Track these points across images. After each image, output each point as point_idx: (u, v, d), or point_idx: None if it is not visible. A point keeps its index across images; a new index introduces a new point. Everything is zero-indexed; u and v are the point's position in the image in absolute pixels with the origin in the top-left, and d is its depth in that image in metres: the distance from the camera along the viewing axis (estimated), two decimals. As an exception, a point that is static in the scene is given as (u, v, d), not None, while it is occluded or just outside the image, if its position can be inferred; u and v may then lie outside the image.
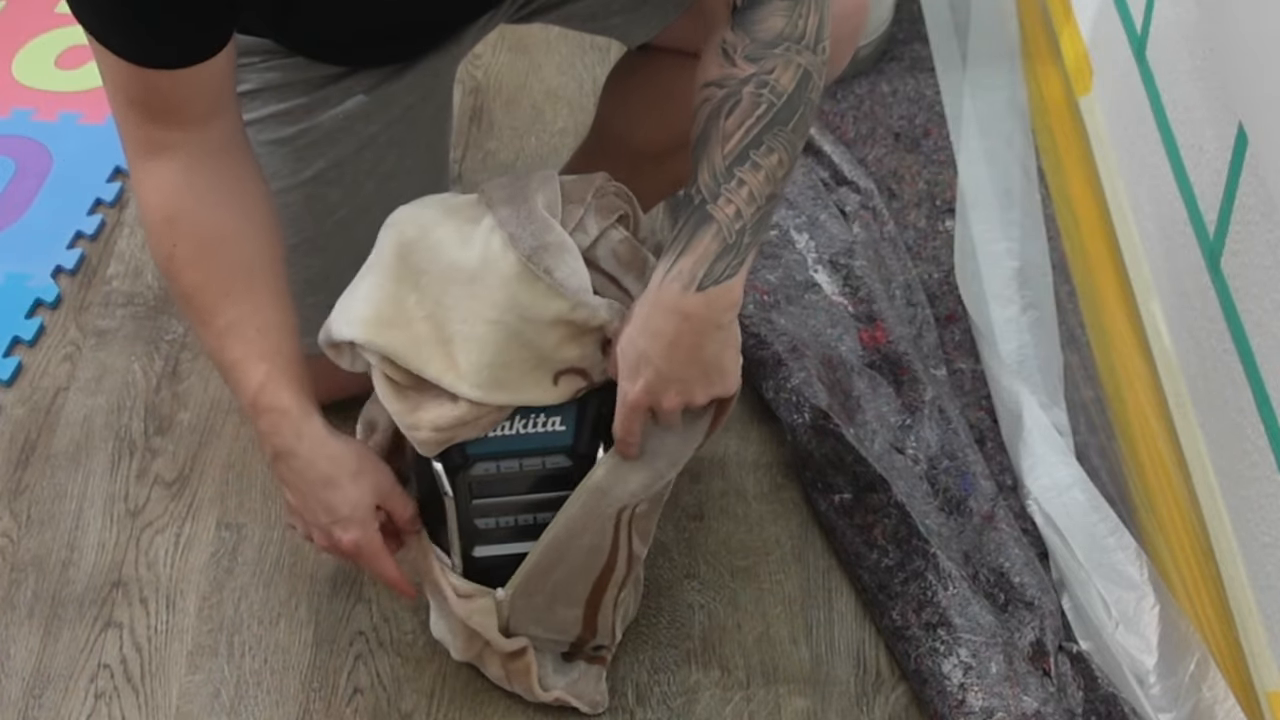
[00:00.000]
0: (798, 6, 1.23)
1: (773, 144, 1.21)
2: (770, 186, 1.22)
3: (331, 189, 1.49)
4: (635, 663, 1.45)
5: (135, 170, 1.29)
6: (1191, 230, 1.57)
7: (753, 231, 1.21)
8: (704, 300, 1.20)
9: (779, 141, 1.22)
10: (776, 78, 1.22)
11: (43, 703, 1.42)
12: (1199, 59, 1.57)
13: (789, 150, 1.22)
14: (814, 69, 1.24)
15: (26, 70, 2.09)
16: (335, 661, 1.45)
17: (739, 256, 1.21)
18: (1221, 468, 1.50)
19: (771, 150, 1.21)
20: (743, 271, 1.22)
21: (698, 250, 1.20)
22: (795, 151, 1.24)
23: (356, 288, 1.25)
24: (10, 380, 1.70)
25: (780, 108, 1.21)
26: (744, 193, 1.20)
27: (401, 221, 1.26)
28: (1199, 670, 1.38)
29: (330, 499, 1.27)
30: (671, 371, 1.22)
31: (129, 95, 1.24)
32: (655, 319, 1.21)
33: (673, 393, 1.23)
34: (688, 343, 1.21)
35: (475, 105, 2.03)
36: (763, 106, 1.21)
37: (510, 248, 1.22)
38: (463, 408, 1.22)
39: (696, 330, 1.21)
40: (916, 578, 1.45)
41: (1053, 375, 1.65)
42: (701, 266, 1.19)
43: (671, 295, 1.20)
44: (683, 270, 1.20)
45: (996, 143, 1.91)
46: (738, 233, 1.20)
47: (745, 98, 1.21)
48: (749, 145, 1.21)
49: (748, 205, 1.20)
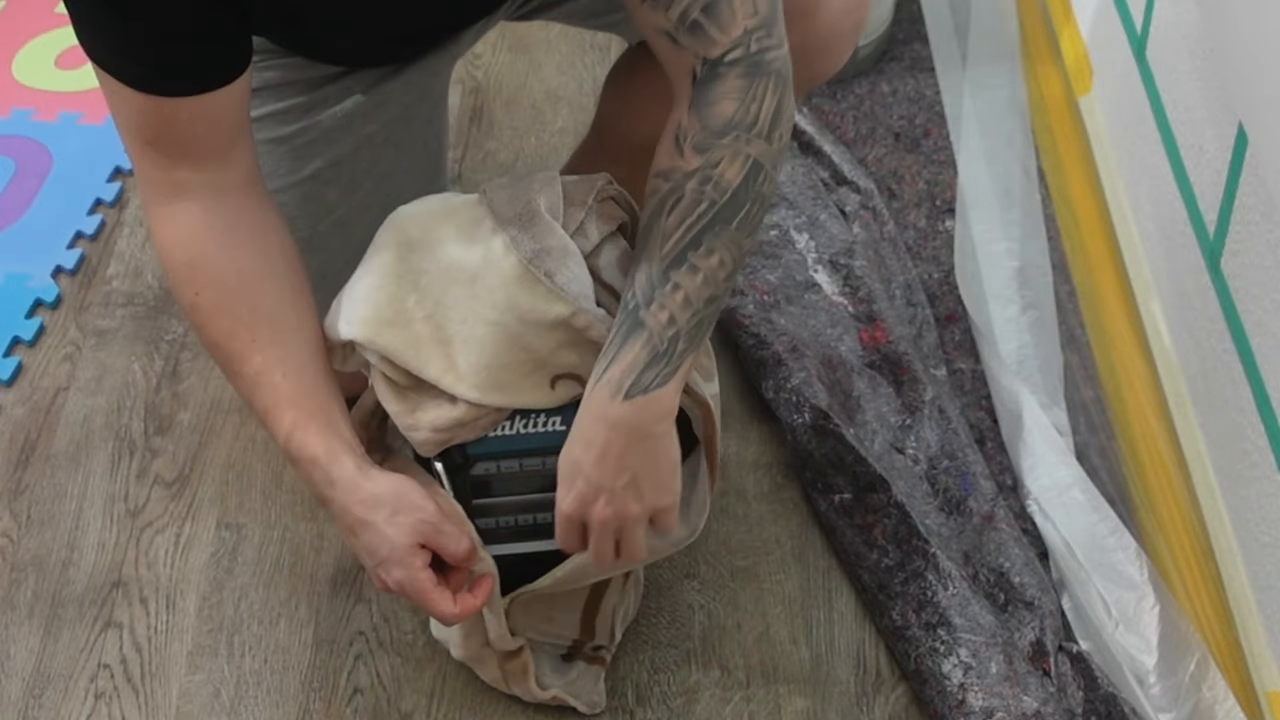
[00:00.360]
0: (752, 87, 1.18)
1: (713, 244, 1.17)
2: (710, 289, 1.18)
3: (329, 188, 1.49)
4: (635, 663, 1.45)
5: (153, 215, 1.27)
6: (1191, 230, 1.57)
7: (688, 338, 1.19)
8: (632, 409, 1.18)
9: (719, 242, 1.18)
10: (721, 171, 1.17)
11: (43, 703, 1.42)
12: (1199, 59, 1.57)
13: (732, 250, 1.18)
14: (766, 159, 1.19)
15: (26, 70, 2.09)
16: (335, 661, 1.45)
17: (671, 364, 1.18)
18: (1221, 468, 1.50)
19: (711, 251, 1.18)
20: (677, 378, 1.19)
21: (626, 359, 1.18)
22: (741, 250, 1.19)
23: (355, 287, 1.24)
24: (10, 380, 1.70)
25: (723, 205, 1.18)
26: (679, 298, 1.17)
27: (401, 221, 1.25)
28: (1199, 670, 1.38)
29: (369, 542, 1.24)
30: (601, 481, 1.20)
31: (144, 136, 1.23)
32: (586, 427, 1.20)
33: (602, 503, 1.20)
34: (616, 452, 1.19)
35: (475, 105, 2.03)
36: (704, 204, 1.17)
37: (512, 250, 1.21)
38: (461, 409, 1.22)
39: (625, 439, 1.18)
40: (916, 578, 1.45)
41: (1053, 375, 1.65)
42: (630, 376, 1.18)
43: (599, 404, 1.19)
44: (611, 379, 1.18)
45: (996, 143, 1.91)
46: (670, 340, 1.18)
47: (688, 194, 1.18)
48: (687, 246, 1.17)
49: (682, 311, 1.18)
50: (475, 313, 1.21)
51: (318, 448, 1.23)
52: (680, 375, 1.19)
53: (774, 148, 1.19)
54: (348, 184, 1.49)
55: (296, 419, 1.24)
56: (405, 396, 1.23)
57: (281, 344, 1.25)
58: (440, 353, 1.21)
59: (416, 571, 1.23)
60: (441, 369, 1.21)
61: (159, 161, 1.24)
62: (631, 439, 1.19)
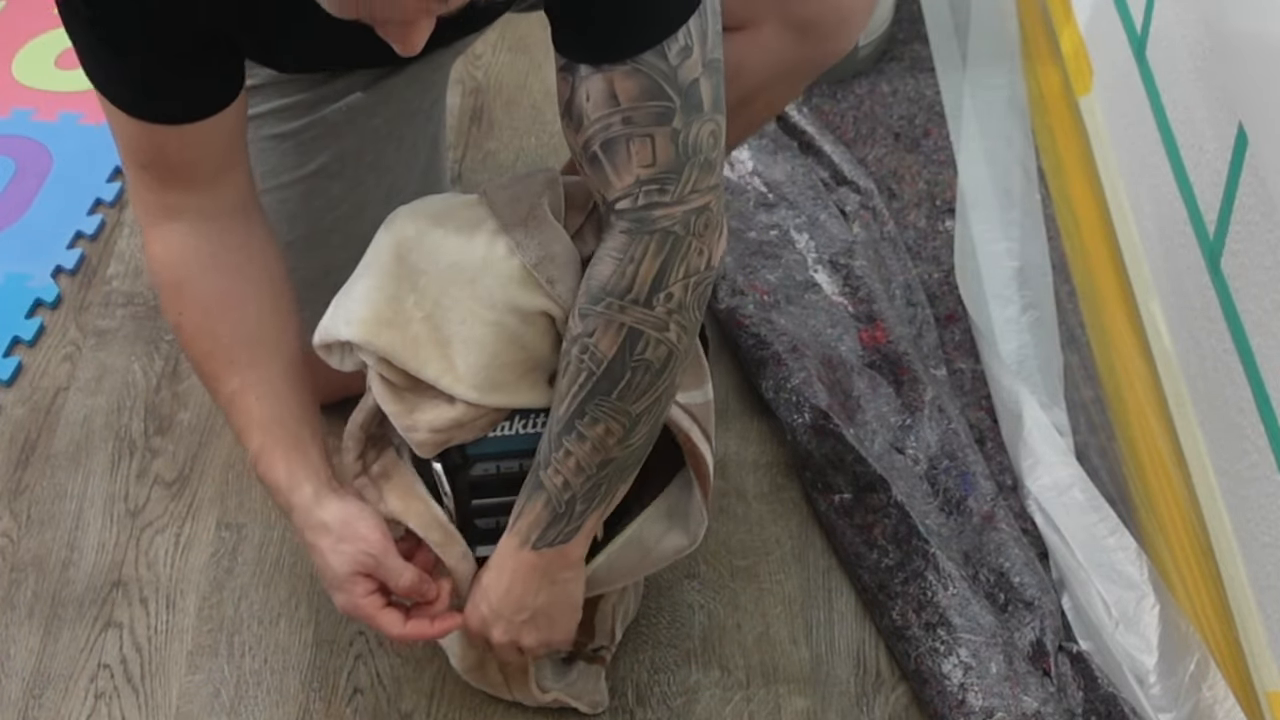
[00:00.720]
0: (631, 247, 1.14)
1: (596, 414, 1.17)
2: (600, 455, 1.18)
3: (333, 183, 1.49)
4: (635, 663, 1.45)
5: (145, 235, 1.29)
6: (1191, 230, 1.57)
7: (585, 499, 1.20)
8: (538, 558, 1.24)
9: (602, 412, 1.17)
10: (596, 341, 1.16)
11: (43, 703, 1.42)
12: (1199, 59, 1.57)
13: (619, 419, 1.17)
14: (646, 324, 1.15)
15: (26, 70, 2.09)
16: (335, 661, 1.45)
17: (572, 524, 1.22)
18: (1221, 468, 1.50)
19: (596, 421, 1.17)
20: (581, 534, 1.23)
21: (531, 514, 1.22)
22: (630, 417, 1.17)
23: (353, 287, 1.24)
24: (10, 380, 1.70)
25: (600, 377, 1.16)
26: (571, 463, 1.19)
27: (401, 221, 1.25)
28: (1199, 670, 1.38)
29: (318, 565, 1.29)
30: (501, 611, 1.26)
31: (138, 159, 1.25)
32: (496, 563, 1.26)
33: (499, 629, 1.27)
34: (519, 592, 1.25)
35: (475, 105, 2.03)
36: (583, 375, 1.17)
37: (514, 254, 1.21)
38: (459, 409, 1.21)
39: (528, 583, 1.25)
40: (916, 578, 1.45)
41: (1053, 375, 1.65)
42: (535, 530, 1.22)
43: (508, 548, 1.25)
44: (519, 529, 1.23)
45: (996, 143, 1.91)
46: (567, 503, 1.21)
47: (572, 362, 1.17)
48: (574, 414, 1.18)
49: (576, 476, 1.19)
50: (475, 313, 1.21)
51: (280, 473, 1.27)
52: (586, 530, 1.23)
53: (656, 312, 1.15)
54: (351, 178, 1.49)
55: (264, 443, 1.27)
56: (403, 398, 1.22)
57: (258, 367, 1.28)
58: (439, 353, 1.20)
59: (357, 598, 1.26)
60: (440, 370, 1.20)
61: (152, 184, 1.26)
62: (535, 584, 1.25)
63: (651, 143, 1.12)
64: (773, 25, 1.41)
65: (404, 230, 1.24)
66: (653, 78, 1.11)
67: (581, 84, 1.13)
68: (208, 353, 1.29)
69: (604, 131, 1.13)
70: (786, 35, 1.41)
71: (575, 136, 1.15)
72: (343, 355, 1.24)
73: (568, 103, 1.15)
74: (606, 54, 1.11)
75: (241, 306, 1.28)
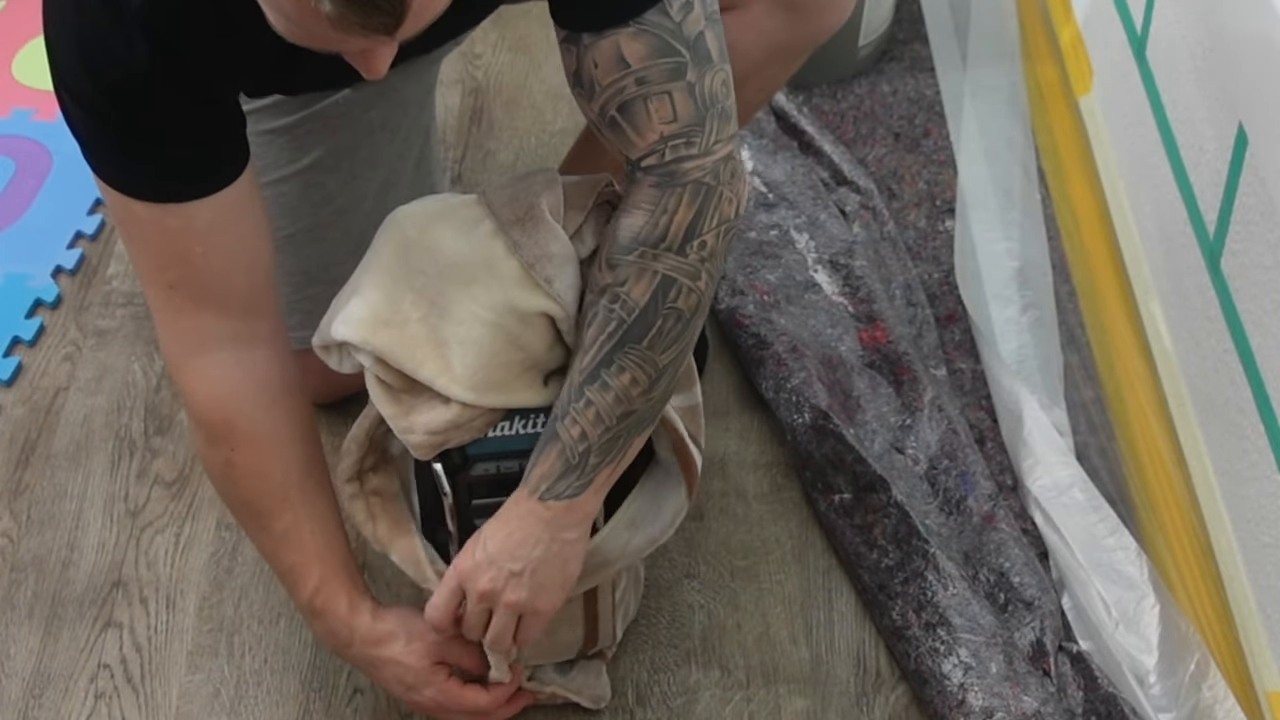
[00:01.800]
0: (663, 199, 1.15)
1: (624, 363, 1.17)
2: (623, 406, 1.18)
3: (330, 176, 1.49)
4: (635, 663, 1.45)
5: (182, 370, 1.26)
6: (1191, 230, 1.57)
7: (601, 452, 1.19)
8: (547, 510, 1.21)
9: (630, 360, 1.17)
10: (628, 290, 1.16)
11: (43, 703, 1.43)
12: (1199, 59, 1.57)
13: (645, 368, 1.17)
14: (680, 273, 1.16)
15: (26, 70, 2.09)
16: (335, 661, 1.45)
17: (584, 477, 1.20)
18: (1221, 468, 1.50)
19: (623, 369, 1.17)
20: (593, 488, 1.21)
21: (544, 466, 1.21)
22: (657, 369, 1.18)
23: (351, 288, 1.23)
24: (10, 380, 1.70)
25: (631, 325, 1.16)
26: (591, 414, 1.18)
27: (400, 221, 1.25)
28: (1199, 670, 1.38)
29: (395, 674, 1.31)
30: (496, 558, 1.23)
31: (166, 279, 1.22)
32: (504, 511, 1.23)
33: (488, 577, 1.23)
34: (520, 538, 1.22)
35: (475, 105, 2.03)
36: (613, 324, 1.17)
37: (512, 254, 1.21)
38: (456, 410, 1.21)
39: (529, 530, 1.22)
40: (916, 578, 1.45)
41: (1053, 375, 1.65)
42: (545, 482, 1.21)
43: (520, 498, 1.22)
44: (530, 480, 1.22)
45: (996, 143, 1.91)
46: (581, 455, 1.19)
47: (600, 311, 1.17)
48: (600, 364, 1.17)
49: (594, 427, 1.18)
50: (472, 314, 1.20)
51: (343, 603, 1.30)
52: (598, 485, 1.21)
53: (690, 260, 1.16)
54: (346, 171, 1.49)
55: (324, 574, 1.30)
56: (399, 399, 1.22)
57: (310, 503, 1.29)
58: (435, 353, 1.20)
59: (444, 684, 1.30)
60: (437, 370, 1.20)
61: (184, 307, 1.23)
62: (537, 534, 1.22)
63: (670, 99, 1.13)
64: (763, 4, 1.41)
65: (403, 231, 1.24)
66: (659, 35, 1.12)
67: (587, 52, 1.13)
68: (260, 492, 1.28)
69: (618, 95, 1.13)
70: (777, 13, 1.41)
71: (589, 104, 1.16)
72: (341, 356, 1.24)
73: (575, 73, 1.15)
74: (609, 18, 1.12)
75: (292, 443, 1.28)
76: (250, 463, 1.27)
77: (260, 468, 1.27)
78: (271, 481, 1.28)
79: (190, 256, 1.20)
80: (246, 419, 1.26)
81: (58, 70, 1.14)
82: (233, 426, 1.26)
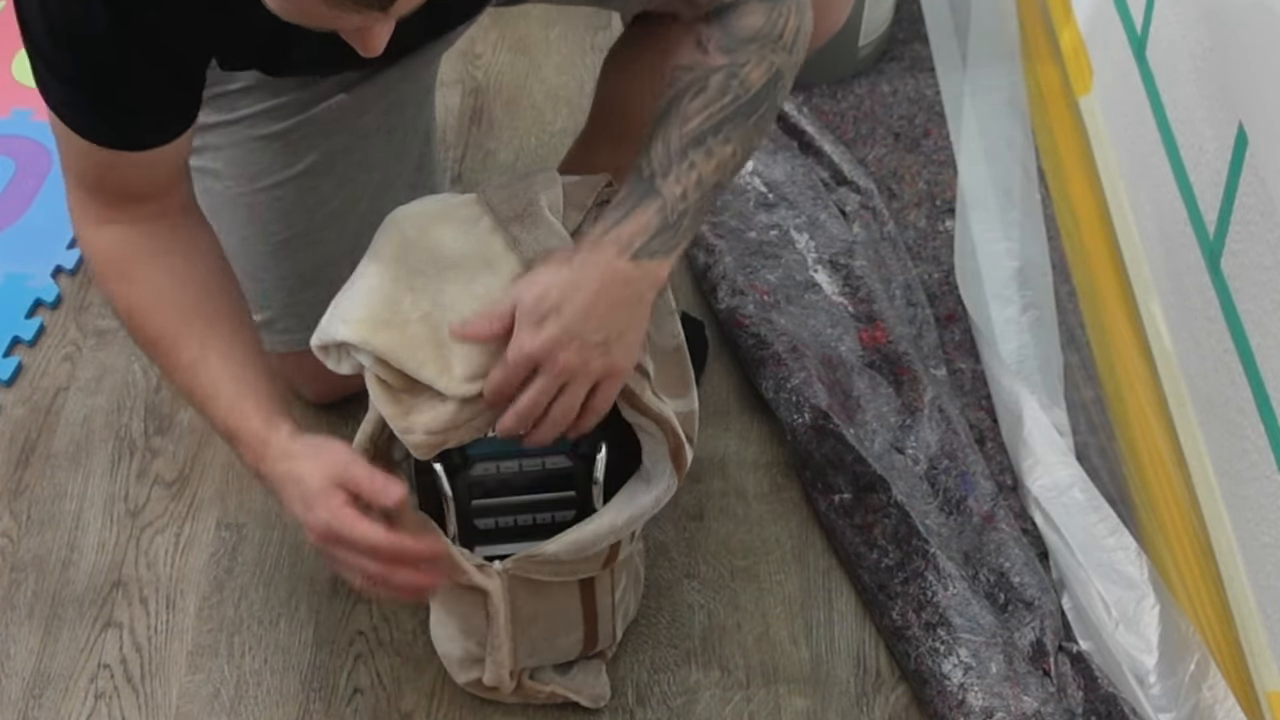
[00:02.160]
0: (778, 6, 1.25)
1: (730, 134, 1.23)
2: (719, 175, 1.23)
3: (324, 180, 1.49)
4: (635, 663, 1.45)
5: (84, 235, 1.30)
6: (1191, 230, 1.57)
7: (693, 215, 1.22)
8: (635, 269, 1.20)
9: (737, 133, 1.23)
10: (748, 72, 1.23)
11: (43, 703, 1.43)
12: (1199, 59, 1.57)
13: (744, 144, 1.24)
14: (786, 70, 1.25)
15: (27, 70, 2.08)
16: (335, 661, 1.45)
17: (675, 238, 1.21)
18: (1221, 468, 1.50)
19: (728, 140, 1.23)
20: (674, 254, 1.22)
21: (639, 221, 1.20)
22: (750, 147, 1.25)
23: (350, 288, 1.23)
24: (10, 380, 1.70)
25: (746, 101, 1.23)
26: (694, 176, 1.21)
27: (399, 221, 1.25)
28: (1199, 670, 1.38)
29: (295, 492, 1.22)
30: (580, 329, 1.17)
31: (86, 182, 1.26)
32: (580, 272, 1.18)
33: (571, 351, 1.17)
34: (605, 304, 1.18)
35: (475, 105, 2.03)
36: (729, 96, 1.22)
37: (512, 250, 1.21)
38: (455, 410, 1.21)
39: (619, 295, 1.19)
40: (916, 578, 1.45)
41: (1053, 375, 1.65)
42: (640, 237, 1.20)
43: (606, 255, 1.19)
44: (620, 236, 1.19)
45: (996, 143, 1.91)
46: (679, 214, 1.21)
47: (713, 85, 1.23)
48: (708, 131, 1.22)
49: (695, 190, 1.21)
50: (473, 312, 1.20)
51: (255, 421, 1.24)
52: (678, 252, 1.23)
53: (793, 60, 1.26)
54: (341, 175, 1.49)
55: (236, 394, 1.25)
56: (399, 399, 1.22)
57: (216, 331, 1.27)
58: (435, 353, 1.20)
59: (340, 507, 1.18)
60: (437, 370, 1.19)
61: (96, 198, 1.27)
62: (624, 297, 1.19)
63: None
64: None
65: (402, 231, 1.24)
66: None
67: None
68: (161, 330, 1.28)
69: None
70: None
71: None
72: (340, 357, 1.24)
73: None
74: None
75: (193, 283, 1.28)
76: (149, 305, 1.28)
77: (160, 308, 1.27)
78: (171, 319, 1.27)
79: (111, 174, 1.25)
80: (144, 266, 1.28)
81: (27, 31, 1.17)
82: (130, 276, 1.28)
